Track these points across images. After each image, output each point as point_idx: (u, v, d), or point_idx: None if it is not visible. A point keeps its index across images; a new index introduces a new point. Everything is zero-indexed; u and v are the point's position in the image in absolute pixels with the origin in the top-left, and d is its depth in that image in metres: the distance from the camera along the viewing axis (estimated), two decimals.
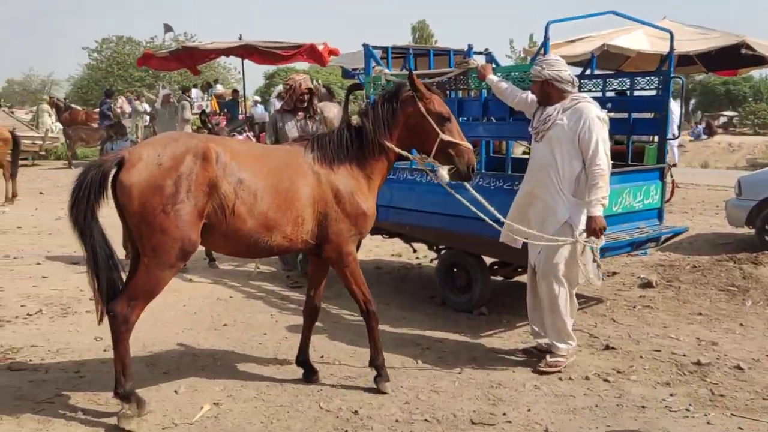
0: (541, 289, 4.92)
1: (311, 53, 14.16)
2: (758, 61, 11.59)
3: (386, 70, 6.47)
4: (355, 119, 4.51)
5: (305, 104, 6.80)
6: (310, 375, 4.63)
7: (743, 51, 10.86)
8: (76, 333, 5.59)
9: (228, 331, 5.72)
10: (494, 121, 5.93)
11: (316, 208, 4.20)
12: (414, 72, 6.49)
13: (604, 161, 4.61)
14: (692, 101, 54.67)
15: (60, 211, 10.27)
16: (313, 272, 4.68)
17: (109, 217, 3.93)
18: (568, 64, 4.87)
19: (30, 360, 4.95)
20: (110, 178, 3.81)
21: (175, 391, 4.43)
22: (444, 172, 4.36)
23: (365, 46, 6.63)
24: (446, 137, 4.33)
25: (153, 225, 3.74)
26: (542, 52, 5.44)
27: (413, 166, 6.49)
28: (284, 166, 4.17)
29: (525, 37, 45.66)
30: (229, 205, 3.90)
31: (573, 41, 12.27)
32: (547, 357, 4.92)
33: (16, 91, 60.53)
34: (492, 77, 5.35)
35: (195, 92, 21.44)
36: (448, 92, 6.12)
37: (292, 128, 6.70)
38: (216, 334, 5.66)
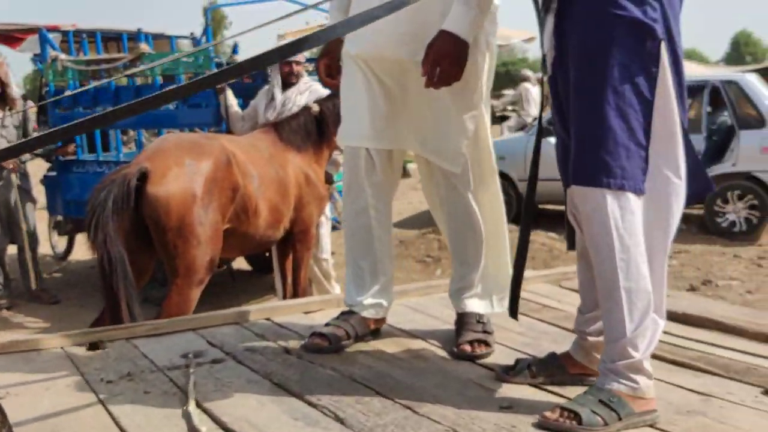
0: None
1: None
2: None
3: (62, 56, 5.98)
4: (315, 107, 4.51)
5: None
6: None
7: None
8: None
9: None
10: (171, 108, 5.75)
11: (294, 192, 4.32)
12: (87, 58, 6.17)
13: None
14: None
15: None
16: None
17: None
18: None
19: None
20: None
21: None
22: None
23: (40, 29, 6.09)
24: None
25: (190, 239, 3.47)
26: (204, 37, 5.32)
27: (99, 158, 6.15)
28: (272, 156, 4.24)
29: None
30: (252, 206, 3.88)
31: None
32: None
33: None
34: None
35: None
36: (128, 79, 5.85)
37: None
38: None
